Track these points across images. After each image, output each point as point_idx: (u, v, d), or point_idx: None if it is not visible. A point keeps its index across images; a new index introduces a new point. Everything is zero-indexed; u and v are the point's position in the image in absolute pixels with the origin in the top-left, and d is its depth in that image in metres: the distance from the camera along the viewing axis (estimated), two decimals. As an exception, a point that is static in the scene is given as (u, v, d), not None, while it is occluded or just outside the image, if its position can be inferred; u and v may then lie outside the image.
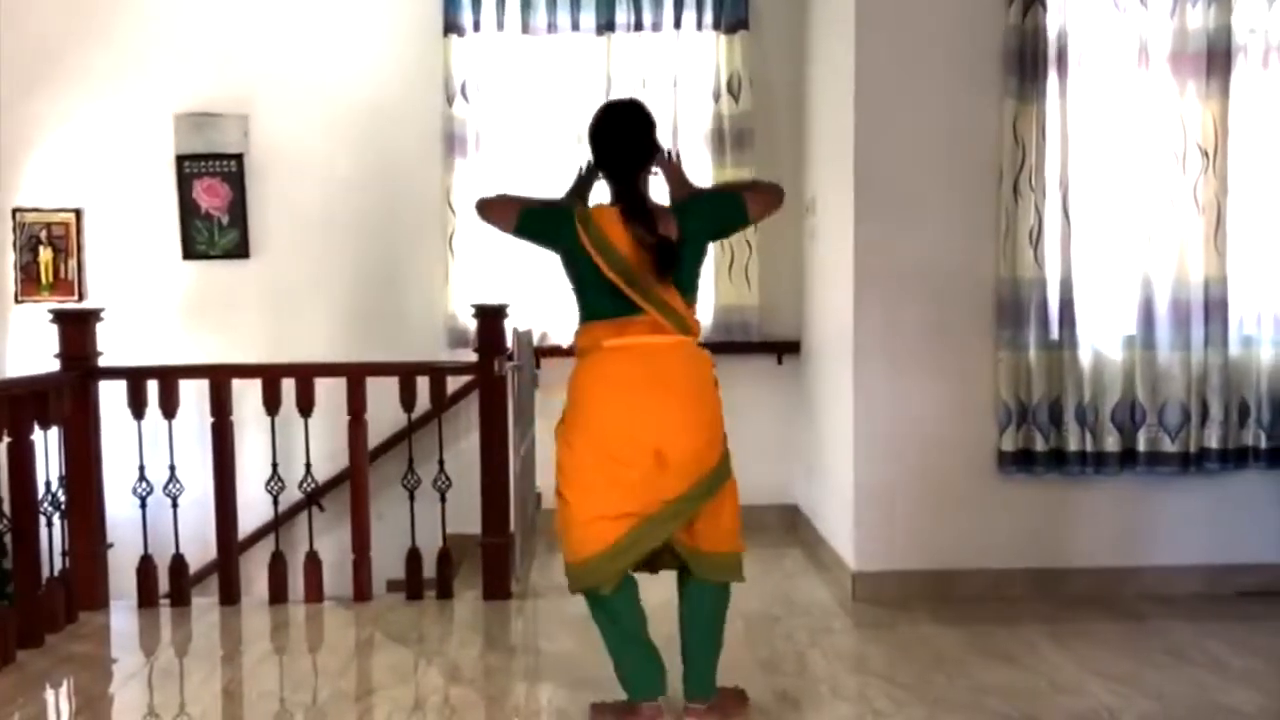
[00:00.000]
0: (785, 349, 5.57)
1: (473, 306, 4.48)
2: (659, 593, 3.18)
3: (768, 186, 3.23)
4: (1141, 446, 4.28)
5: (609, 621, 3.07)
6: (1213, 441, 4.28)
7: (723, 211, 3.17)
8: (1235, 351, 4.29)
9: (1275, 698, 3.31)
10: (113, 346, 4.50)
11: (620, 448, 2.96)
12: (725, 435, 3.10)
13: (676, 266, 2.98)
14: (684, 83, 5.44)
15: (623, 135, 3.12)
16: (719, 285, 5.47)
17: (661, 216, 3.04)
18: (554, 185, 5.37)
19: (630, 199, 3.05)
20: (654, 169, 3.15)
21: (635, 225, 2.98)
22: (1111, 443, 4.27)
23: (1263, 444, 4.29)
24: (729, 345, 5.42)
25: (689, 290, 3.09)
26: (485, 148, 5.45)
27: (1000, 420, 4.26)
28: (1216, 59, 4.18)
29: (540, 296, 5.45)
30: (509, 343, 4.51)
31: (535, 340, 5.35)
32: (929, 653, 3.71)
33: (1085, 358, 4.26)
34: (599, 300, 3.04)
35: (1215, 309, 4.24)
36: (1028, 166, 4.17)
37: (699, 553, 3.03)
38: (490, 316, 4.42)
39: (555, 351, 5.46)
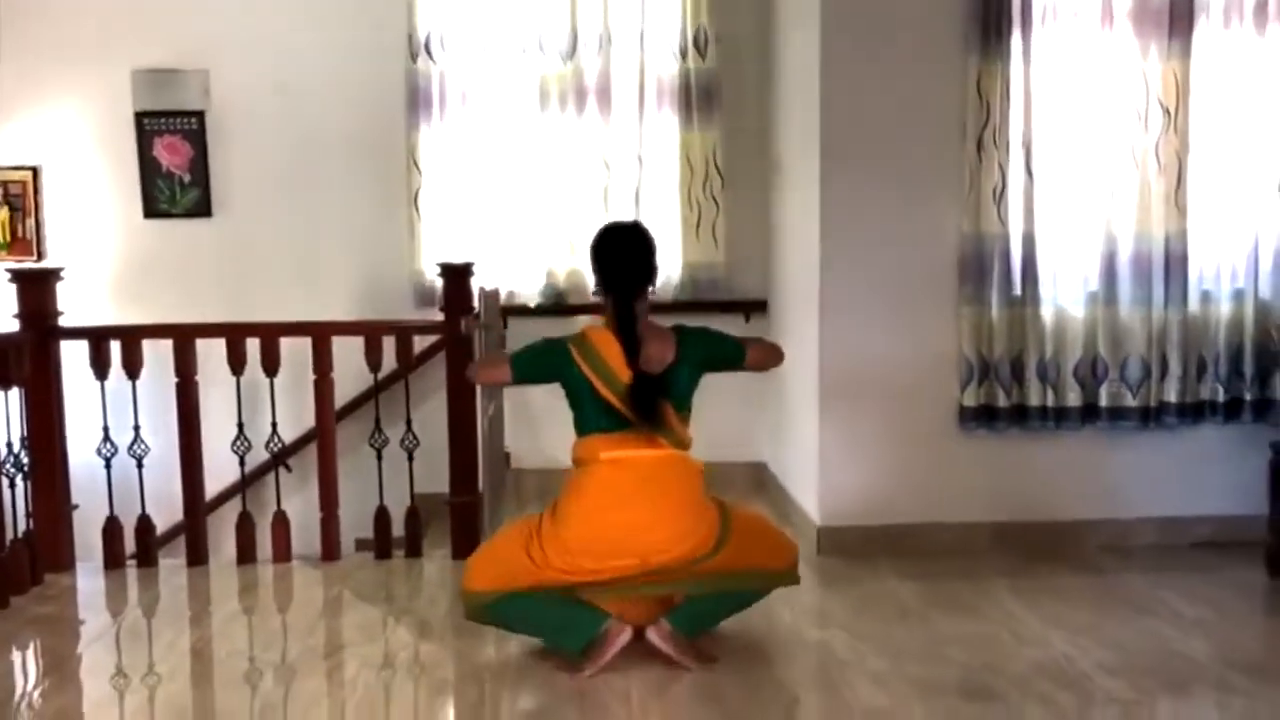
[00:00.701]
0: (753, 308, 5.58)
1: (439, 265, 4.47)
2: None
3: (771, 345, 3.55)
4: (1103, 402, 4.34)
5: (535, 609, 3.20)
6: (1172, 396, 4.34)
7: (723, 350, 3.38)
8: (1194, 307, 4.35)
9: (1223, 644, 3.39)
10: (73, 307, 4.45)
11: (607, 557, 3.13)
12: (721, 517, 3.26)
13: (649, 404, 3.14)
14: (650, 38, 5.38)
15: (622, 260, 3.28)
16: (686, 243, 5.46)
17: (656, 339, 3.22)
18: (516, 148, 5.39)
19: (624, 322, 3.20)
20: (652, 289, 3.32)
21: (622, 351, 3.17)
22: (1073, 398, 4.33)
23: (1220, 398, 4.36)
24: (696, 304, 5.43)
25: (682, 407, 3.26)
26: (450, 103, 5.39)
27: (963, 376, 4.31)
28: (1179, 18, 4.20)
29: (507, 255, 5.44)
30: (476, 302, 4.49)
31: (502, 299, 5.34)
32: (892, 606, 3.77)
33: (1047, 314, 4.30)
34: (597, 417, 3.21)
35: (1175, 265, 4.29)
36: (991, 124, 4.19)
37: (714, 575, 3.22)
38: (456, 275, 4.40)
39: (523, 311, 5.45)
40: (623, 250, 3.31)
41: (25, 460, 4.15)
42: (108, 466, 4.33)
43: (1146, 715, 2.95)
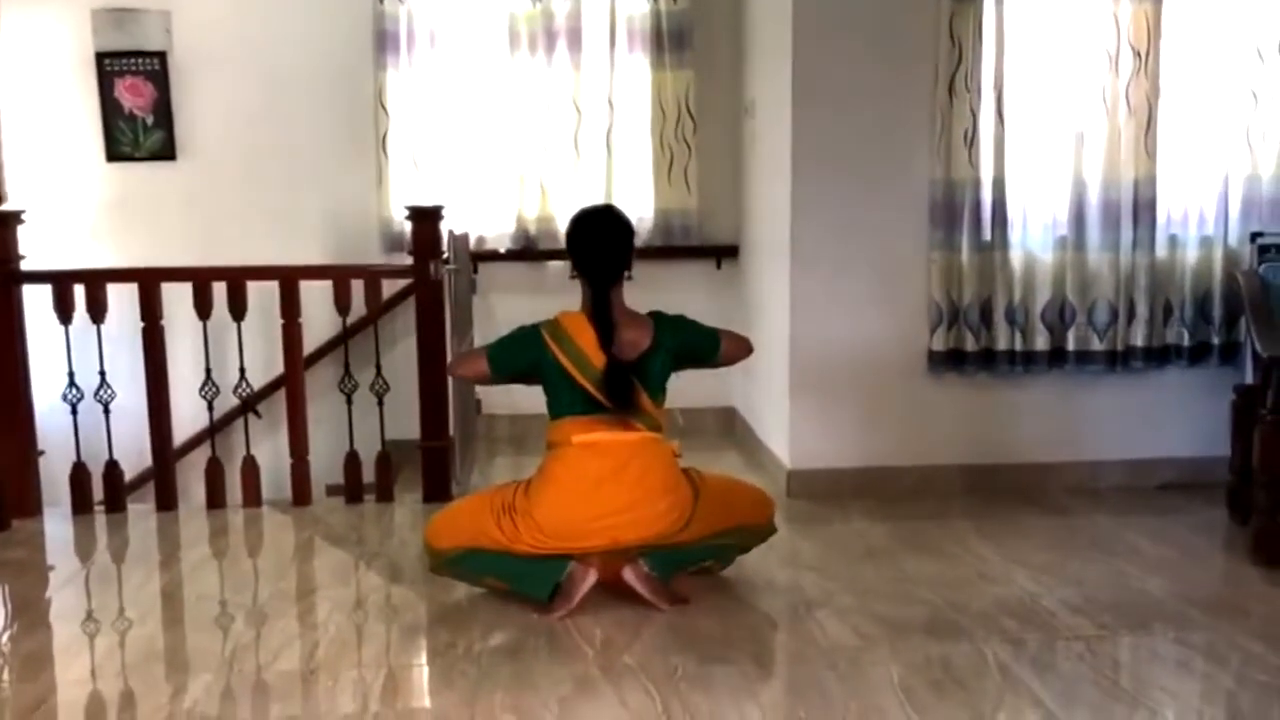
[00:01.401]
0: (724, 253, 5.58)
1: (407, 208, 4.42)
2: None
3: (742, 338, 3.51)
4: (1071, 346, 4.38)
5: (500, 560, 3.23)
6: (1138, 340, 4.39)
7: (697, 339, 3.38)
8: (1161, 252, 4.38)
9: (1184, 583, 3.46)
10: (35, 251, 4.38)
11: (578, 539, 3.16)
12: (694, 494, 3.26)
13: (623, 391, 3.15)
14: (621, -21, 5.33)
15: (597, 247, 3.27)
16: (658, 188, 5.43)
17: (632, 325, 3.23)
18: (485, 89, 5.32)
19: (599, 308, 3.20)
20: (628, 275, 3.31)
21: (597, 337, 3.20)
22: (1041, 342, 4.36)
23: (1185, 342, 4.41)
24: (668, 250, 5.42)
25: (656, 392, 3.26)
26: (418, 45, 5.31)
27: (932, 320, 4.33)
28: (1152, -42, 4.19)
29: (477, 199, 5.39)
30: (445, 245, 4.46)
31: (472, 243, 5.31)
32: (860, 546, 3.81)
33: (1016, 259, 4.32)
34: (572, 401, 3.22)
35: (1144, 210, 4.31)
36: (963, 67, 4.17)
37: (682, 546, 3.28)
38: (425, 219, 4.36)
39: (493, 255, 5.42)
40: (598, 238, 3.29)
41: (-11, 406, 4.11)
42: (74, 412, 4.29)
43: (1108, 651, 2.99)
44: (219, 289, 4.28)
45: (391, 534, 4.11)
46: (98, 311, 4.22)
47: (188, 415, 4.61)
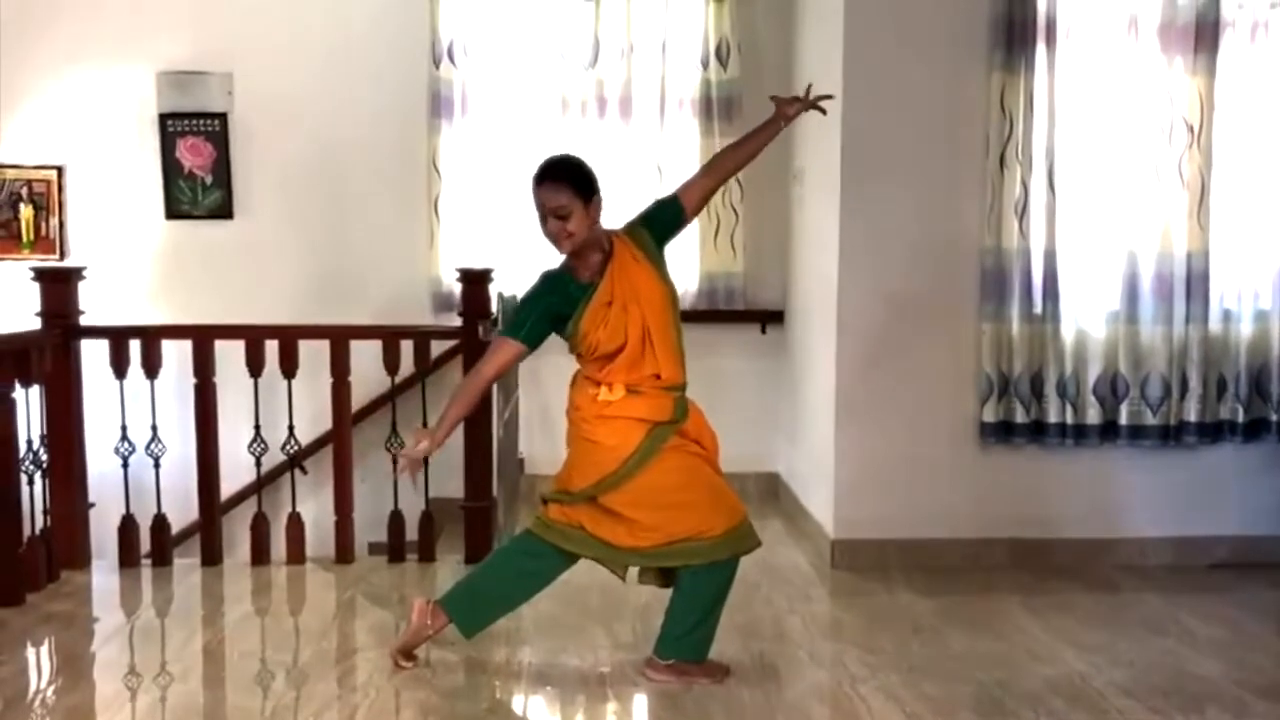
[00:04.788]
0: (769, 318, 5.58)
1: (457, 270, 4.48)
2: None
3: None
4: (1123, 420, 4.32)
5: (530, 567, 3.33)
6: (1191, 415, 4.32)
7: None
8: (1215, 326, 4.32)
9: (1240, 666, 3.37)
10: (95, 306, 4.48)
11: None
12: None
13: None
14: (672, 49, 5.40)
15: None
16: (704, 252, 5.46)
17: None
18: (537, 152, 5.38)
19: None
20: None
21: None
22: (1093, 415, 4.31)
23: (1240, 418, 4.33)
24: (714, 314, 5.43)
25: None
26: (472, 110, 5.41)
27: (982, 391, 4.29)
28: (1205, 32, 4.19)
29: (526, 261, 5.43)
30: (494, 307, 4.50)
31: (520, 305, 5.34)
32: (905, 620, 3.75)
33: (1068, 331, 4.28)
34: None
35: (1197, 284, 4.27)
36: (1014, 138, 4.18)
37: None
38: (475, 281, 4.41)
39: (540, 317, 5.44)
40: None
41: (44, 458, 4.17)
42: (125, 465, 4.35)
43: (1161, 736, 2.92)
44: (271, 346, 4.34)
45: (433, 595, 4.08)
46: (152, 367, 4.29)
47: (235, 470, 4.65)
